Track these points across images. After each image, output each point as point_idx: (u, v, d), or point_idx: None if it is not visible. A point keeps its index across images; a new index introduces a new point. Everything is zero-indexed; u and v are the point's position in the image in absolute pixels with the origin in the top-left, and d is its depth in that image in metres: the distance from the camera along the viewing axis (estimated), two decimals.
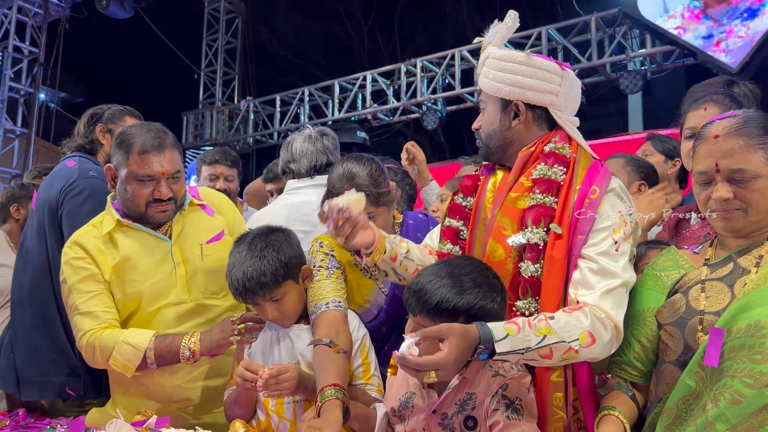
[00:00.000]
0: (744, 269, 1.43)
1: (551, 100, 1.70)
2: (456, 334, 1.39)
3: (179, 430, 1.68)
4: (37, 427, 1.90)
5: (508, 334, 1.43)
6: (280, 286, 1.80)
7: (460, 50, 8.73)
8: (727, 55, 6.48)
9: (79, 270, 1.98)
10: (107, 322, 1.96)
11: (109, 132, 2.52)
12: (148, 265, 2.01)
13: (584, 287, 1.55)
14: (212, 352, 1.92)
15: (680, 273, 1.54)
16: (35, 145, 9.32)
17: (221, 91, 11.59)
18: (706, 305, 1.43)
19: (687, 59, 7.43)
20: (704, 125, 1.52)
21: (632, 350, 1.58)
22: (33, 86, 9.32)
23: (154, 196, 1.98)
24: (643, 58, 7.79)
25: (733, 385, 1.32)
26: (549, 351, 1.45)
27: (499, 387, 1.52)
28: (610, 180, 1.65)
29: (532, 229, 1.61)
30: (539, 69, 1.69)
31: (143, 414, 1.81)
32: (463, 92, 8.72)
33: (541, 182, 1.65)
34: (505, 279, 1.63)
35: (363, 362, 1.87)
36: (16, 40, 9.20)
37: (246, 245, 1.83)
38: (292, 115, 10.36)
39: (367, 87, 9.53)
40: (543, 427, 1.57)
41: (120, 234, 2.02)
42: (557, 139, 1.70)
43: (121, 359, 1.91)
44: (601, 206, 1.61)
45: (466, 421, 1.56)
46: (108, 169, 2.04)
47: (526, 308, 1.58)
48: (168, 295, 2.01)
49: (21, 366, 2.31)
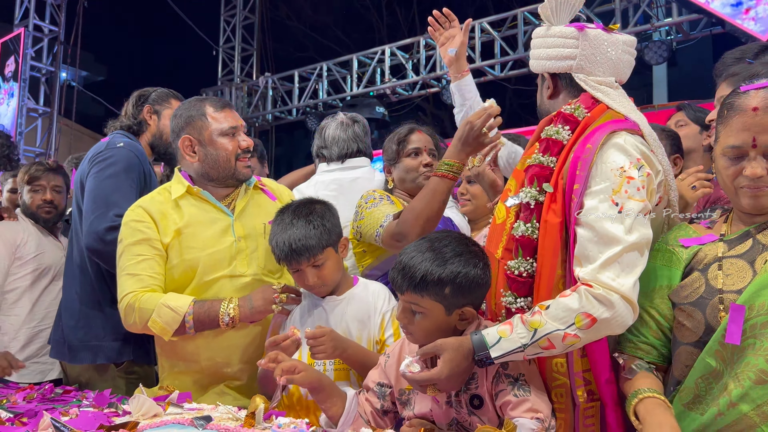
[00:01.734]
0: (764, 246, 1.37)
1: (569, 65, 1.69)
2: (450, 348, 1.47)
3: (201, 405, 1.71)
4: (64, 400, 1.94)
5: (501, 338, 1.45)
6: (323, 251, 1.88)
7: (480, 22, 8.56)
8: (756, 23, 6.28)
9: (136, 232, 2.04)
10: (150, 287, 2.00)
11: (155, 113, 2.66)
12: (208, 235, 2.06)
13: (585, 260, 1.47)
14: (251, 318, 1.98)
15: (695, 248, 1.48)
16: (58, 124, 9.42)
17: (240, 67, 11.55)
18: (725, 283, 1.37)
19: (715, 28, 7.21)
20: (737, 94, 1.41)
21: (649, 329, 1.51)
22: (54, 65, 9.39)
23: (241, 146, 2.09)
24: (668, 28, 7.57)
25: (758, 363, 1.28)
26: (548, 342, 1.43)
27: (499, 365, 1.52)
28: (608, 135, 1.54)
29: (526, 189, 1.60)
30: (554, 37, 1.71)
31: (166, 389, 1.84)
32: (483, 65, 8.59)
33: (542, 141, 1.64)
34: (503, 241, 1.63)
35: (395, 332, 1.92)
36: (36, 19, 9.25)
37: (291, 212, 1.93)
38: (310, 91, 10.30)
39: (386, 61, 9.43)
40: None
41: (186, 201, 2.10)
42: (576, 102, 1.67)
43: (160, 322, 1.95)
44: (595, 165, 1.51)
45: (471, 399, 1.56)
46: (184, 140, 2.09)
47: (516, 267, 1.57)
48: (226, 267, 2.05)
49: (73, 333, 2.44)
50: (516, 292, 1.57)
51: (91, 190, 2.36)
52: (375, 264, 2.31)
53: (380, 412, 1.71)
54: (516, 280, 1.57)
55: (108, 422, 1.49)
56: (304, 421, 1.51)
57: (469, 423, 1.57)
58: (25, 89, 9.14)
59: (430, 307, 1.53)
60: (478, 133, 1.87)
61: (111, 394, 1.92)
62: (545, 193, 1.57)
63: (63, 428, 1.39)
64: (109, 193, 2.34)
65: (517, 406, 1.49)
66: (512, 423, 1.43)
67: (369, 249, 2.30)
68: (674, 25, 7.52)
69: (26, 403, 1.86)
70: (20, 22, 9.29)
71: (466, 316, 1.57)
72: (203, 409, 1.67)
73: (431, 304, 1.53)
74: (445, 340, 1.48)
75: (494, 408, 1.54)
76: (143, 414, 1.56)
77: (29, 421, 1.53)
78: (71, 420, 1.52)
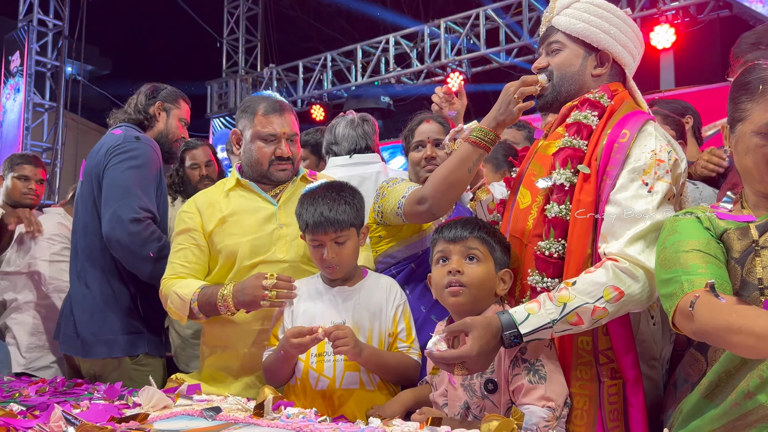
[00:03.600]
0: None
1: (630, 63, 1.76)
2: (478, 326, 1.45)
3: (210, 396, 1.72)
4: (75, 393, 1.96)
5: (529, 315, 1.45)
6: (349, 228, 1.91)
7: (484, 9, 8.50)
8: (764, 6, 6.21)
9: (181, 222, 2.17)
10: (178, 274, 2.11)
11: (165, 111, 2.67)
12: (250, 223, 2.13)
13: (612, 237, 1.52)
14: (245, 308, 2.00)
15: (726, 223, 1.39)
16: (64, 119, 9.45)
17: (244, 59, 11.54)
18: (764, 275, 1.29)
19: (722, 11, 7.13)
20: (763, 70, 1.36)
21: (725, 275, 1.31)
22: (59, 60, 9.40)
23: (276, 154, 2.15)
24: (675, 12, 7.50)
25: None
26: (576, 317, 1.45)
27: (518, 350, 1.53)
28: (644, 123, 1.61)
29: (559, 171, 1.62)
30: (632, 31, 1.75)
31: (176, 381, 1.86)
32: (488, 53, 8.54)
33: (572, 126, 1.67)
34: (530, 225, 1.66)
35: (406, 326, 1.95)
36: (40, 14, 9.26)
37: (322, 189, 1.96)
38: (315, 82, 10.28)
39: (390, 50, 9.39)
40: (568, 369, 1.58)
41: (235, 192, 2.20)
42: (598, 90, 1.72)
43: (173, 308, 2.06)
44: (631, 149, 1.57)
45: (486, 384, 1.57)
46: (234, 133, 2.22)
47: (547, 248, 1.60)
48: (266, 252, 2.11)
49: (86, 328, 2.44)
50: (545, 272, 1.61)
51: (113, 179, 2.38)
52: (390, 251, 2.30)
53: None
54: (546, 260, 1.60)
55: (119, 414, 1.50)
56: (313, 411, 1.52)
57: (481, 408, 1.57)
58: (30, 84, 9.16)
59: (486, 256, 1.65)
60: (510, 98, 1.79)
61: (123, 386, 1.93)
62: (577, 174, 1.61)
63: (74, 420, 1.41)
64: (131, 184, 2.37)
65: (529, 392, 1.50)
66: (520, 411, 1.43)
67: (386, 234, 2.29)
68: (681, 9, 7.44)
69: (38, 396, 1.88)
70: (24, 17, 9.30)
71: (506, 279, 1.67)
72: (212, 400, 1.69)
73: (487, 254, 1.65)
74: (473, 318, 1.48)
75: (509, 392, 1.55)
76: (153, 406, 1.58)
77: (41, 414, 1.55)
78: (82, 412, 1.53)
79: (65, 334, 2.54)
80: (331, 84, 10.13)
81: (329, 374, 1.86)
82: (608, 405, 1.56)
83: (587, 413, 1.56)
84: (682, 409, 1.42)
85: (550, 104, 1.80)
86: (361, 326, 1.91)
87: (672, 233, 1.41)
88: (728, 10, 6.70)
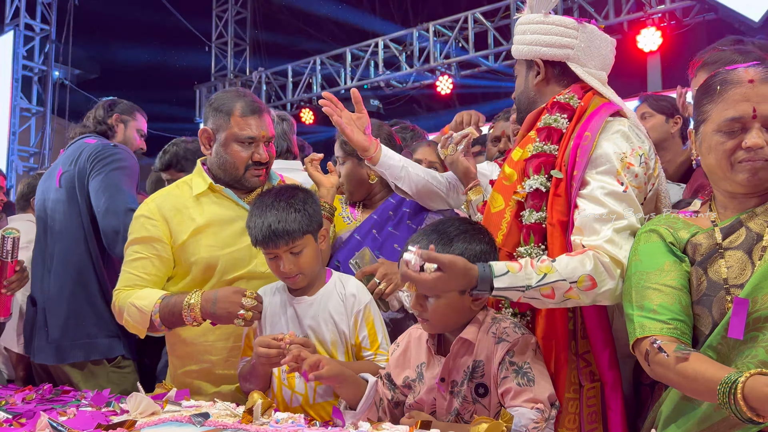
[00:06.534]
0: (758, 234, 1.34)
1: (567, 54, 1.72)
2: (458, 270, 1.42)
3: (199, 402, 1.71)
4: (63, 400, 1.94)
5: (508, 271, 1.44)
6: (303, 236, 1.81)
7: (473, 12, 8.54)
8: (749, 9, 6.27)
9: (140, 229, 1.99)
10: (135, 286, 1.96)
11: (123, 123, 2.80)
12: (228, 234, 2.00)
13: (589, 232, 1.52)
14: (213, 320, 1.86)
15: (690, 231, 1.42)
16: (51, 123, 9.38)
17: (233, 62, 11.50)
18: (729, 275, 1.33)
19: (708, 15, 7.20)
20: (726, 72, 1.40)
21: (687, 301, 1.37)
22: (46, 64, 9.33)
23: (253, 158, 2.00)
24: (662, 15, 7.56)
25: (758, 354, 1.25)
26: (551, 290, 1.45)
27: (505, 353, 1.52)
28: (606, 123, 1.60)
29: (533, 177, 1.62)
30: (554, 25, 1.73)
31: (163, 387, 1.84)
32: (477, 56, 8.56)
33: (542, 130, 1.67)
34: (503, 229, 1.66)
35: (369, 332, 1.87)
36: (27, 18, 9.20)
37: (273, 196, 1.86)
38: (304, 85, 10.27)
39: (380, 54, 9.40)
40: (563, 373, 1.57)
41: (207, 198, 2.03)
42: (567, 92, 1.71)
43: (131, 321, 1.92)
44: (595, 150, 1.57)
45: (477, 388, 1.56)
46: (204, 131, 2.04)
47: (527, 254, 1.59)
48: (247, 265, 2.01)
49: (62, 333, 2.46)
50: None
51: (101, 180, 2.46)
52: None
53: (392, 403, 1.72)
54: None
55: (106, 421, 1.49)
56: (302, 416, 1.52)
57: (472, 413, 1.57)
58: (17, 89, 9.09)
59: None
60: None
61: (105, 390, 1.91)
62: (551, 179, 1.61)
63: (60, 428, 1.39)
64: (120, 183, 2.46)
65: (518, 395, 1.49)
66: (509, 413, 1.43)
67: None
68: (667, 12, 7.50)
69: (25, 404, 1.86)
70: (11, 22, 9.23)
71: (480, 296, 1.55)
72: (201, 406, 1.67)
73: None
74: (454, 260, 1.42)
75: (498, 395, 1.54)
76: (141, 412, 1.57)
77: (27, 422, 1.53)
78: (69, 420, 1.52)
79: (38, 345, 2.53)
80: (320, 87, 10.11)
81: (301, 390, 1.83)
82: (586, 408, 1.57)
83: (578, 417, 1.58)
84: (662, 411, 1.43)
85: (520, 121, 1.86)
86: (323, 339, 1.85)
87: (634, 256, 1.47)
88: (714, 13, 6.76)
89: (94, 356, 2.41)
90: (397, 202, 2.27)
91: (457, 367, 1.58)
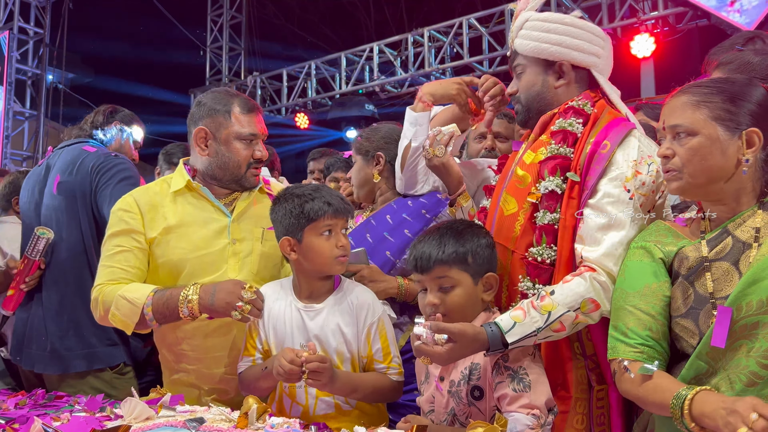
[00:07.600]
0: (745, 243, 1.34)
1: (594, 62, 1.73)
2: (467, 338, 1.46)
3: (194, 407, 1.70)
4: (56, 406, 1.92)
5: (515, 323, 1.47)
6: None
7: (468, 18, 8.57)
8: (741, 15, 6.32)
9: (120, 222, 1.95)
10: (119, 279, 1.90)
11: (121, 131, 2.80)
12: (200, 236, 1.94)
13: (589, 241, 1.55)
14: (209, 314, 1.82)
15: (678, 245, 1.43)
16: (45, 127, 9.35)
17: (228, 67, 11.50)
18: (715, 288, 1.34)
19: (701, 21, 7.25)
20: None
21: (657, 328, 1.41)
22: (40, 67, 9.31)
23: (254, 156, 1.99)
24: (655, 21, 7.61)
25: (749, 365, 1.27)
26: (560, 324, 1.48)
27: (499, 357, 1.53)
28: (626, 134, 1.62)
29: (549, 179, 1.63)
30: (585, 30, 1.72)
31: (158, 392, 1.83)
32: (472, 61, 8.60)
33: (557, 133, 1.68)
34: (517, 231, 1.67)
35: (382, 345, 1.81)
36: (21, 21, 9.17)
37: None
38: (299, 90, 10.28)
39: (374, 59, 9.42)
40: (569, 374, 1.60)
41: (183, 198, 1.99)
42: (580, 98, 1.72)
43: (119, 315, 1.85)
44: (612, 159, 1.59)
45: (472, 391, 1.57)
46: (200, 131, 1.97)
47: (539, 254, 1.61)
48: (216, 271, 1.93)
49: (62, 344, 2.44)
50: (537, 278, 1.61)
51: (110, 195, 2.42)
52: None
53: None
54: (538, 266, 1.61)
55: (99, 426, 1.48)
56: (297, 421, 1.51)
57: (467, 415, 1.57)
58: (11, 92, 9.05)
59: (460, 277, 1.59)
60: None
61: (107, 397, 1.89)
62: (566, 181, 1.63)
63: None
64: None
65: (514, 400, 1.50)
66: (504, 418, 1.43)
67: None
68: (660, 18, 7.55)
69: (18, 409, 1.84)
70: (5, 25, 9.20)
71: (491, 283, 1.62)
72: (196, 411, 1.67)
73: (460, 275, 1.59)
74: (464, 329, 1.46)
75: (494, 399, 1.55)
76: (135, 417, 1.56)
77: (21, 427, 1.52)
78: (63, 425, 1.51)
79: (37, 354, 2.51)
80: (315, 92, 10.13)
81: (302, 401, 1.78)
82: (596, 410, 1.60)
83: (586, 417, 1.60)
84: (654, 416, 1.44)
85: (525, 122, 1.83)
86: (330, 348, 1.78)
87: (622, 271, 1.51)
88: (706, 19, 6.81)
89: (97, 365, 2.40)
90: (398, 207, 2.23)
91: (456, 367, 1.60)
